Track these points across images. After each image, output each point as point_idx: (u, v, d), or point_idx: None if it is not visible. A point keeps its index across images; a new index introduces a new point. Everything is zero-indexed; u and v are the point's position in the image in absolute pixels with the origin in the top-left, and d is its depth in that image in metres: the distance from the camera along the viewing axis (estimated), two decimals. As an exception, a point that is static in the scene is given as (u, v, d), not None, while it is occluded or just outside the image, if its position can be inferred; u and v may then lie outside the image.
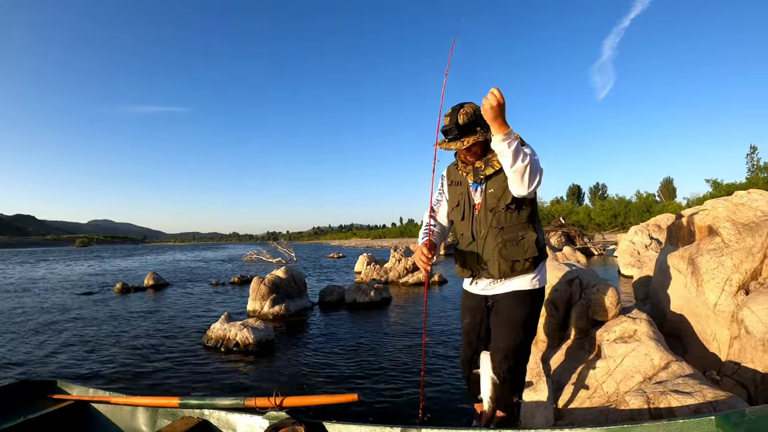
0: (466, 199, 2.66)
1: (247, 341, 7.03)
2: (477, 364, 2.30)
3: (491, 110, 2.02)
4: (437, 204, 2.83)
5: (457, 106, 2.51)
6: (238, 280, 17.96)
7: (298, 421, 2.22)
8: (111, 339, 8.13)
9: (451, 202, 2.77)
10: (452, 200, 2.76)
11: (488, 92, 2.02)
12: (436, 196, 2.84)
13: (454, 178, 2.75)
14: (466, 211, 2.66)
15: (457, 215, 2.71)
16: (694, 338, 3.64)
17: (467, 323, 2.82)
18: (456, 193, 2.73)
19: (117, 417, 2.86)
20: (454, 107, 2.52)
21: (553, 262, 4.30)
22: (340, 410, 4.19)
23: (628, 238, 16.45)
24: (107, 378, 5.84)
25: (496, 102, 2.00)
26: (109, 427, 2.86)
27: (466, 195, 2.66)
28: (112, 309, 11.72)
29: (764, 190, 4.07)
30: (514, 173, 2.17)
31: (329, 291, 12.01)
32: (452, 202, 2.76)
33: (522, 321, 2.56)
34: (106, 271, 27.62)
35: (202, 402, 2.52)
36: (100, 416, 2.91)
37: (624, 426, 1.73)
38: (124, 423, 2.83)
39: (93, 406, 2.94)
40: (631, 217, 50.86)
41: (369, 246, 58.95)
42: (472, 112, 2.46)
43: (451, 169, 2.82)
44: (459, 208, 2.69)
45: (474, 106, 2.49)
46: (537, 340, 3.94)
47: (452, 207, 2.76)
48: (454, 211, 2.75)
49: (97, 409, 2.93)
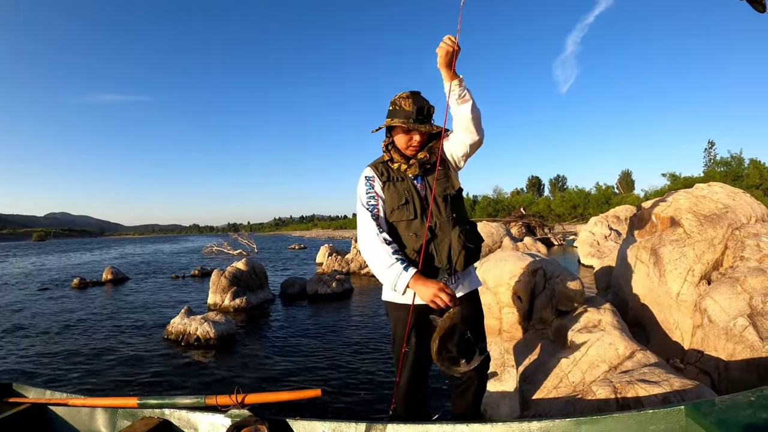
0: (414, 194, 2.31)
1: (208, 335, 6.89)
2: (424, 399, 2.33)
3: (447, 56, 1.98)
4: (375, 209, 2.28)
5: (415, 92, 2.34)
6: (198, 272, 17.69)
7: (260, 418, 2.15)
8: (69, 337, 7.89)
9: (392, 202, 2.31)
10: (395, 199, 2.31)
11: (442, 40, 1.98)
12: (367, 201, 2.31)
13: (390, 174, 2.36)
14: (417, 207, 2.29)
15: (406, 214, 2.28)
16: (657, 327, 3.69)
17: (421, 348, 2.29)
18: (399, 191, 2.32)
19: (75, 419, 2.76)
20: (412, 92, 2.32)
21: (516, 253, 4.30)
22: (303, 406, 4.12)
23: (588, 228, 16.77)
24: (66, 378, 5.65)
25: (452, 48, 1.97)
26: (67, 430, 2.76)
27: (414, 190, 2.32)
28: (69, 306, 11.37)
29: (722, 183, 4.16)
30: (474, 119, 2.12)
31: (291, 283, 11.92)
32: (395, 201, 2.30)
33: (483, 321, 2.52)
34: (64, 266, 26.83)
35: (162, 401, 2.45)
36: (58, 419, 2.80)
37: (593, 417, 1.70)
38: (82, 425, 2.73)
39: (51, 408, 2.83)
40: (590, 208, 51.83)
41: (330, 237, 58.86)
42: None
43: (378, 167, 2.39)
44: (408, 206, 2.28)
45: None
46: (501, 331, 3.93)
47: (396, 206, 2.30)
48: (398, 211, 2.29)
49: (55, 411, 2.82)
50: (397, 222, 2.30)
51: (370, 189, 2.33)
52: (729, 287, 3.16)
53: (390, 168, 2.38)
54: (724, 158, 43.38)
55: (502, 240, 15.73)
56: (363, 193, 2.33)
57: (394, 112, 2.29)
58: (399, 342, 2.32)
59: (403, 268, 2.04)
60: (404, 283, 2.02)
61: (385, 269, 2.07)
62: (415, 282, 2.01)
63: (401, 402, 2.37)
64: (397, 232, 2.30)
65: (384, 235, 2.18)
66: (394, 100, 2.32)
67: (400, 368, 2.31)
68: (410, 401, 2.37)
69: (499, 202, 64.03)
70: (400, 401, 2.36)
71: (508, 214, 37.73)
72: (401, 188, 2.31)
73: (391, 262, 2.07)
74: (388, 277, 2.07)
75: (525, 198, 67.40)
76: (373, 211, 2.25)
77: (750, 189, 32.93)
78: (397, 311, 2.35)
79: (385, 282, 2.12)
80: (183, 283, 15.80)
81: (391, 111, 2.32)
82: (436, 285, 1.97)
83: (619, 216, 16.78)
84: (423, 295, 1.99)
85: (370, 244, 2.17)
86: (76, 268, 23.87)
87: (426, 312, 2.22)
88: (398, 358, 2.33)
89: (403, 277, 2.02)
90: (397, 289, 2.05)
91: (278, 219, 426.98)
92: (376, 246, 2.14)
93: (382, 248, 2.11)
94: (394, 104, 2.31)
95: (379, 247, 2.12)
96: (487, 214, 54.98)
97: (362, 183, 2.37)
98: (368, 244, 2.18)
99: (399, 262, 2.06)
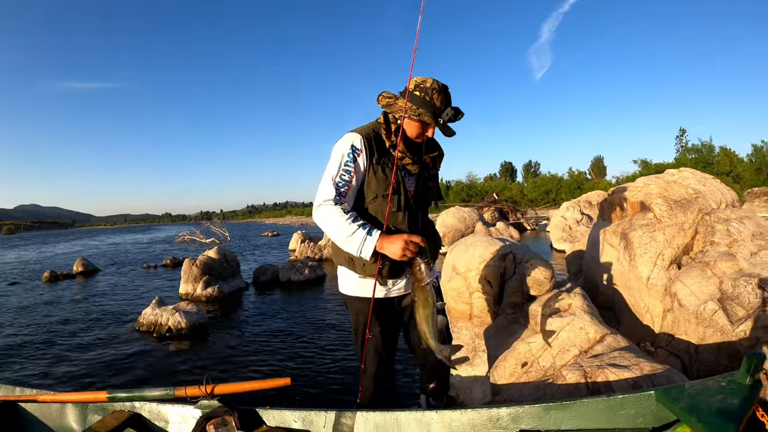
0: (402, 188, 2.16)
1: (180, 326, 6.78)
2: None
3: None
4: (345, 186, 2.08)
5: (445, 85, 2.13)
6: (170, 262, 17.44)
7: (230, 409, 2.12)
8: (39, 331, 7.72)
9: (381, 187, 2.14)
10: (381, 186, 2.14)
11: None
12: (340, 176, 2.08)
13: (381, 155, 2.17)
14: (403, 201, 2.15)
15: (390, 204, 2.11)
16: (628, 311, 3.71)
17: (386, 337, 2.30)
18: (388, 178, 2.14)
19: (46, 415, 2.73)
20: (442, 84, 2.12)
21: (486, 237, 4.29)
22: (274, 395, 4.08)
23: (560, 213, 16.93)
24: (36, 373, 5.54)
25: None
26: (38, 427, 2.72)
27: (402, 182, 2.17)
28: (39, 299, 11.10)
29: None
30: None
31: (263, 270, 11.81)
32: (381, 188, 2.14)
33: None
34: (34, 259, 26.20)
35: (132, 394, 2.43)
36: (28, 416, 2.76)
37: (563, 402, 1.69)
38: (53, 421, 2.70)
39: (20, 405, 2.78)
40: (562, 193, 52.50)
41: (304, 224, 58.60)
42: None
43: (370, 140, 2.16)
44: (395, 196, 2.13)
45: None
46: (472, 316, 3.92)
47: (382, 192, 2.13)
48: (382, 199, 2.14)
49: (25, 408, 2.78)
50: (376, 210, 2.16)
51: (351, 162, 2.09)
52: (699, 271, 3.19)
53: (383, 147, 2.18)
54: (695, 145, 44.12)
55: (475, 225, 15.77)
56: (340, 163, 2.09)
57: (423, 102, 2.07)
58: (362, 332, 2.26)
59: (367, 232, 1.96)
60: (371, 248, 1.95)
61: (347, 237, 1.97)
62: (381, 243, 1.94)
63: (368, 390, 2.34)
64: (370, 218, 2.15)
65: (344, 206, 2.05)
66: (423, 87, 2.09)
67: (364, 357, 2.28)
68: (378, 388, 2.35)
69: (473, 188, 64.37)
70: (367, 390, 2.34)
71: (481, 200, 37.91)
72: (390, 175, 2.14)
73: (353, 229, 1.96)
74: (351, 245, 1.98)
75: (498, 183, 67.99)
76: (342, 188, 2.07)
77: (720, 176, 33.62)
78: (358, 303, 2.29)
79: (350, 250, 2.01)
80: (155, 273, 15.56)
81: (417, 97, 2.08)
82: (400, 238, 1.92)
83: (591, 201, 16.98)
84: (393, 252, 1.92)
85: (326, 212, 2.03)
86: (46, 261, 23.32)
87: (385, 302, 2.25)
88: (362, 347, 2.28)
89: (369, 242, 1.95)
90: (363, 254, 1.97)
91: (251, 206, 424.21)
92: (334, 214, 2.00)
93: (340, 216, 1.99)
94: (421, 91, 2.08)
95: (338, 214, 1.99)
96: (460, 200, 55.16)
97: (344, 151, 2.11)
98: (325, 212, 2.04)
99: (361, 227, 1.97)
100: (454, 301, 3.98)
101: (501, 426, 1.77)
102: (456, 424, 1.83)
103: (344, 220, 1.98)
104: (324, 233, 16.90)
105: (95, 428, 2.26)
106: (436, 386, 2.53)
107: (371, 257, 1.98)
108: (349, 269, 2.24)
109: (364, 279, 2.22)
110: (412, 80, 2.13)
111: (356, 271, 2.20)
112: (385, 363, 2.35)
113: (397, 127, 2.18)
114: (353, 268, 2.21)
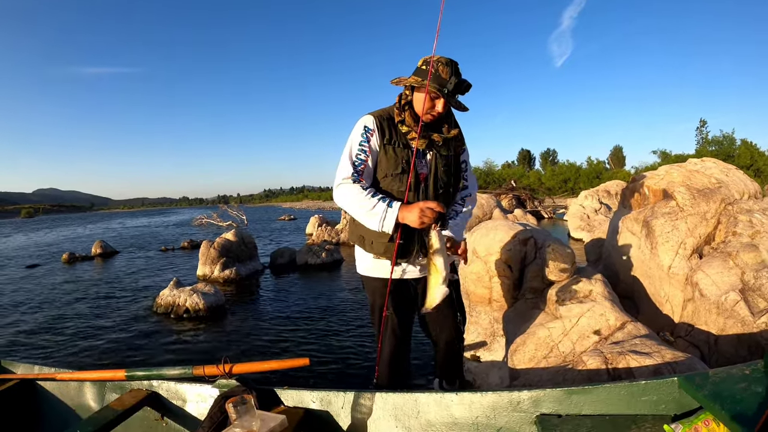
0: (412, 165, 2.14)
1: (197, 307, 6.87)
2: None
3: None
4: (361, 165, 2.15)
5: (454, 61, 2.12)
6: (188, 244, 17.63)
7: (248, 388, 2.14)
8: (58, 312, 7.86)
9: (388, 167, 2.18)
10: (391, 165, 2.17)
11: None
12: (356, 155, 2.16)
13: (393, 135, 2.21)
14: (413, 181, 2.14)
15: (400, 184, 2.16)
16: (648, 299, 3.68)
17: (400, 317, 2.34)
18: (400, 156, 2.18)
19: (64, 394, 2.77)
20: (451, 60, 2.11)
21: (507, 222, 4.26)
22: (291, 375, 4.12)
23: (578, 202, 16.76)
24: (55, 353, 5.66)
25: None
26: (56, 405, 2.76)
27: (410, 162, 2.16)
28: (59, 281, 11.31)
29: (715, 160, 4.14)
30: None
31: (280, 253, 11.89)
32: (391, 168, 2.17)
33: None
34: (53, 241, 26.67)
35: (150, 373, 2.43)
36: (46, 394, 2.81)
37: (585, 387, 1.68)
38: (71, 400, 2.73)
39: (39, 384, 2.83)
40: (581, 182, 51.79)
41: (321, 208, 58.78)
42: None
43: (382, 122, 2.22)
44: (404, 176, 2.15)
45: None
46: (491, 300, 3.91)
47: (392, 172, 2.17)
48: (391, 178, 2.18)
49: (44, 386, 2.83)
50: (387, 188, 2.19)
51: (365, 142, 2.17)
52: (721, 262, 3.15)
53: (394, 127, 2.23)
54: (716, 137, 43.35)
55: (493, 211, 15.69)
56: (355, 143, 2.18)
57: (427, 75, 2.06)
58: (378, 310, 2.33)
59: (387, 204, 2.01)
60: (393, 219, 1.99)
61: (369, 211, 2.03)
62: (402, 213, 1.98)
63: (384, 369, 2.38)
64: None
65: (363, 183, 2.12)
66: (429, 61, 2.09)
67: (381, 335, 2.33)
68: (393, 369, 2.39)
69: (490, 174, 63.90)
70: (383, 369, 2.38)
71: (499, 186, 37.66)
72: (402, 155, 2.18)
73: (373, 203, 2.02)
74: (373, 218, 2.03)
75: (516, 171, 67.36)
76: (359, 167, 2.14)
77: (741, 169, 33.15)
78: (374, 282, 2.35)
79: (372, 223, 2.05)
80: (172, 255, 15.77)
81: (423, 71, 2.12)
82: (415, 205, 1.96)
83: (610, 191, 16.80)
84: (411, 220, 1.95)
85: (346, 190, 2.10)
86: (65, 244, 23.72)
87: (400, 284, 2.30)
88: (379, 324, 2.33)
89: (390, 214, 2.00)
90: (385, 227, 2.01)
91: (268, 190, 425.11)
92: (354, 191, 2.08)
93: (360, 193, 2.06)
94: (427, 64, 2.10)
95: (357, 191, 2.07)
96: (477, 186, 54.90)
97: (358, 132, 2.19)
98: (345, 190, 2.11)
99: (381, 200, 2.03)
100: (473, 285, 3.97)
101: (521, 409, 1.76)
102: (476, 406, 1.83)
103: (364, 196, 2.04)
104: (341, 216, 16.99)
105: (113, 406, 2.29)
106: (449, 369, 2.56)
107: (393, 230, 2.02)
108: (360, 247, 2.34)
109: (377, 260, 2.30)
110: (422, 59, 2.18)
111: (366, 248, 2.28)
112: (401, 341, 2.39)
113: (407, 102, 2.22)
114: (363, 246, 2.29)
